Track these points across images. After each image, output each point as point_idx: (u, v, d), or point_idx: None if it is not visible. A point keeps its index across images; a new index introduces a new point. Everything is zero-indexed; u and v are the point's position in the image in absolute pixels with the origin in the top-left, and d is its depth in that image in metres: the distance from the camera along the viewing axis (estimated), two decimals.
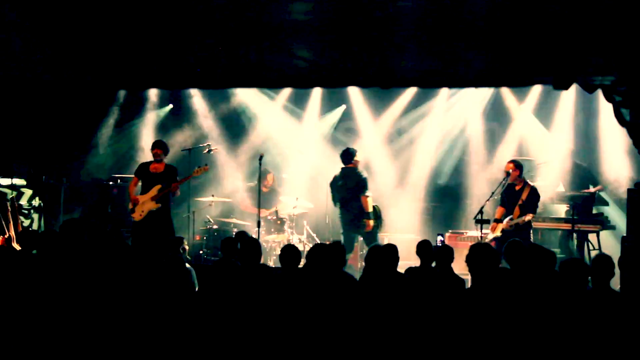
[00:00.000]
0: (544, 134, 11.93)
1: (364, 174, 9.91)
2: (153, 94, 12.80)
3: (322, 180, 11.01)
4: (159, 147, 9.81)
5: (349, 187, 9.82)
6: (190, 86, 12.09)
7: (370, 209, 9.72)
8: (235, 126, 13.03)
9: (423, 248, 6.65)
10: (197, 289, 6.73)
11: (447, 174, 12.54)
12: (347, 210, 9.84)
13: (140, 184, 9.83)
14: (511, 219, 9.15)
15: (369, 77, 9.84)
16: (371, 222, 9.69)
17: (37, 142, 11.51)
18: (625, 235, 7.99)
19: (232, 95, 12.83)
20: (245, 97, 12.92)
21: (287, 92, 12.86)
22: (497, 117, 12.38)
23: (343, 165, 9.99)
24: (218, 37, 9.38)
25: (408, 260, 7.15)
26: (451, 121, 12.45)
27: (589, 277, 5.09)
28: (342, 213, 9.92)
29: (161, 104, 12.96)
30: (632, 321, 4.69)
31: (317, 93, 12.81)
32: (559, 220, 9.87)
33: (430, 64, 9.54)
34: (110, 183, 11.87)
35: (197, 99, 12.87)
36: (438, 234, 8.39)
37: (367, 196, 9.72)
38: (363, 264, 7.99)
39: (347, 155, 10.00)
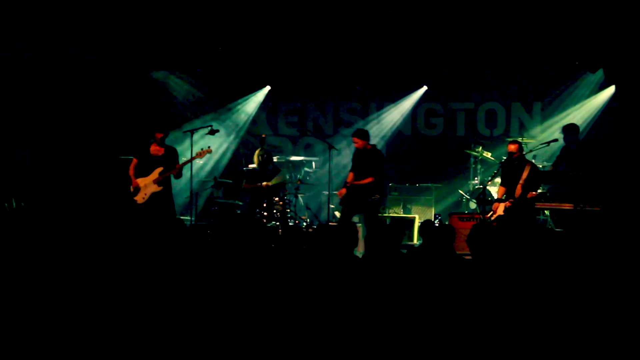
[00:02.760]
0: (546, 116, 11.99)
1: None
2: None
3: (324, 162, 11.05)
4: (161, 130, 9.78)
5: None
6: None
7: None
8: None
9: (426, 228, 6.66)
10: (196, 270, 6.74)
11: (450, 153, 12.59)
12: None
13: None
14: (514, 199, 9.18)
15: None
16: None
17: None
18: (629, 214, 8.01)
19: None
20: None
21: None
22: (500, 97, 12.41)
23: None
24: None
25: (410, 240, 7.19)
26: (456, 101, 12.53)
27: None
28: None
29: None
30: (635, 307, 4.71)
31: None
32: (561, 199, 9.86)
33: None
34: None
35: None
36: (436, 214, 8.27)
37: None
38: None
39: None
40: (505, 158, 9.49)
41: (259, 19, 9.75)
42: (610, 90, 11.53)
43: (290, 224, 10.27)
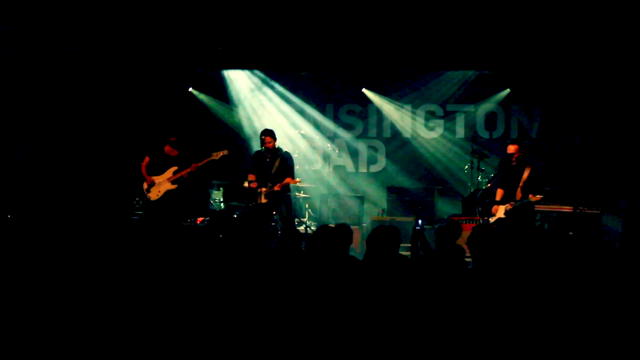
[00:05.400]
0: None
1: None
2: None
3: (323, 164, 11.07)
4: (174, 134, 9.81)
5: None
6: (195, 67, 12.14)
7: None
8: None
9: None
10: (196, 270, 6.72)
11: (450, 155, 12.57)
12: None
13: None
14: (515, 202, 9.14)
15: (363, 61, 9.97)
16: None
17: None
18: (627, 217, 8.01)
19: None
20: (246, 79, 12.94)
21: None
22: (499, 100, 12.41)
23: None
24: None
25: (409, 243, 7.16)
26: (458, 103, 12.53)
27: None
28: None
29: None
30: (634, 308, 4.70)
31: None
32: (560, 202, 9.86)
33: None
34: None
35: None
36: (417, 218, 7.81)
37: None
38: (365, 246, 8.01)
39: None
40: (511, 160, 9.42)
41: (257, 20, 9.74)
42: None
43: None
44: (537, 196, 9.06)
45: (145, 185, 9.77)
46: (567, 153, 10.60)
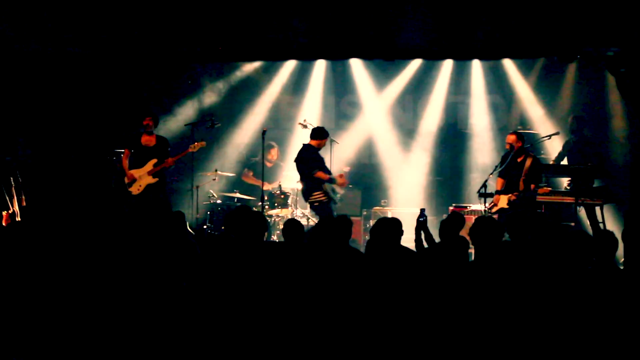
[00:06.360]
0: (547, 107, 11.88)
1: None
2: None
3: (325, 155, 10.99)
4: (150, 117, 9.85)
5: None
6: (192, 61, 12.00)
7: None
8: (239, 100, 12.97)
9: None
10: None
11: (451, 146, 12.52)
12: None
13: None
14: (519, 192, 9.09)
15: (371, 49, 9.86)
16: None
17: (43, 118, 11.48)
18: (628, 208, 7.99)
19: (235, 68, 12.76)
20: (249, 71, 12.85)
21: (291, 64, 12.57)
22: (500, 89, 12.30)
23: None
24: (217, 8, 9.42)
25: (411, 234, 7.13)
26: (454, 94, 12.44)
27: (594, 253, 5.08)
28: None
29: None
30: (635, 299, 4.69)
31: (320, 66, 12.63)
32: (562, 193, 9.82)
33: (434, 35, 9.53)
34: (114, 158, 11.66)
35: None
36: (421, 209, 7.67)
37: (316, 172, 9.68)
38: (367, 237, 8.00)
39: (312, 133, 9.95)
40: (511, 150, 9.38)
41: (255, 11, 9.68)
42: None
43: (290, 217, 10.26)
44: (545, 188, 9.07)
45: (126, 180, 9.86)
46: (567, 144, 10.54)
